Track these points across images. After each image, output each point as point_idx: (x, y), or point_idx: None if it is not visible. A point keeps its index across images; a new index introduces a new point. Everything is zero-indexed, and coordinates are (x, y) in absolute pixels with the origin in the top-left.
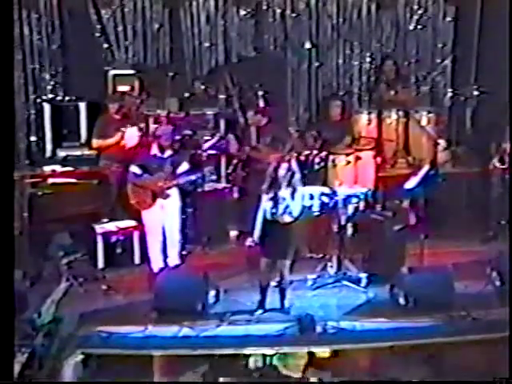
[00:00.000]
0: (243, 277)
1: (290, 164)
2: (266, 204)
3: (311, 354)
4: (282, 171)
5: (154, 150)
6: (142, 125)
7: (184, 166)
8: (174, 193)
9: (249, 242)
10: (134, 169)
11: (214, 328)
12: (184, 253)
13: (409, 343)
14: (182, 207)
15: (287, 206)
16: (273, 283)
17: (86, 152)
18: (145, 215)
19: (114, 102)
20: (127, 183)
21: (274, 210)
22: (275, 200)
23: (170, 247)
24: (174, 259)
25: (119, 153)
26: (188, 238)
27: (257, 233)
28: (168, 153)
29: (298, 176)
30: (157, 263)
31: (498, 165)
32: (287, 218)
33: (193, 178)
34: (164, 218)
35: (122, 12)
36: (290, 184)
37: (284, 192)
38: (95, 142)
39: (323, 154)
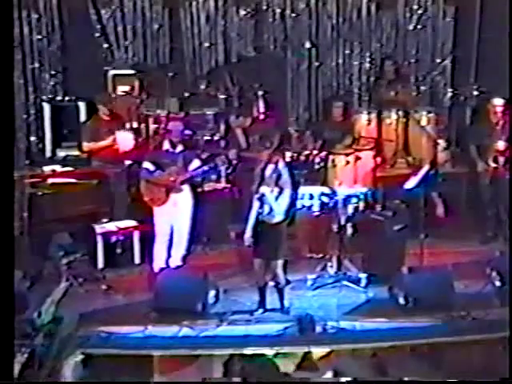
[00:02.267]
0: (243, 277)
1: (277, 165)
2: (256, 205)
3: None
4: (267, 172)
5: (166, 146)
6: (135, 125)
7: (195, 163)
8: (187, 190)
9: (246, 241)
10: (147, 165)
11: (214, 328)
12: (184, 253)
13: (409, 343)
14: (195, 205)
15: (271, 208)
16: (271, 283)
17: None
18: (156, 212)
19: (103, 104)
20: (140, 180)
21: (260, 210)
22: (262, 200)
23: (175, 247)
24: (176, 260)
25: (112, 156)
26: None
27: (248, 233)
28: (180, 148)
29: (285, 177)
30: (159, 262)
31: (492, 165)
32: (272, 219)
33: (206, 168)
34: (175, 216)
35: (122, 12)
36: (276, 185)
37: (269, 193)
38: (86, 146)
39: (323, 154)
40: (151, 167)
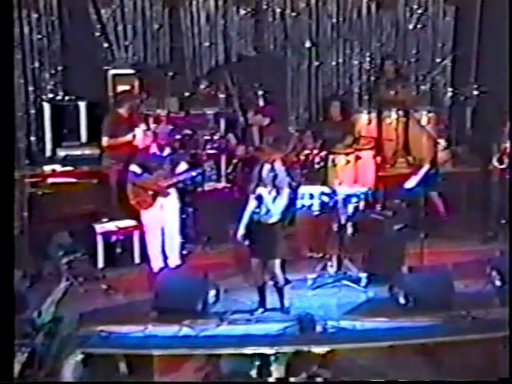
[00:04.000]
0: (243, 276)
1: (273, 165)
2: (251, 204)
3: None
4: (264, 172)
5: (153, 149)
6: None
7: (182, 166)
8: (173, 193)
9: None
10: (134, 168)
11: (214, 327)
12: (184, 253)
13: (409, 343)
14: (181, 208)
15: (268, 208)
16: (270, 283)
17: (86, 152)
18: (144, 215)
19: (124, 102)
20: (127, 183)
21: (257, 210)
22: (259, 201)
23: (169, 248)
24: (174, 260)
25: (129, 153)
26: (188, 237)
27: (241, 231)
28: (167, 151)
29: (281, 177)
30: (156, 263)
31: (496, 165)
32: (269, 219)
33: (193, 174)
34: (163, 218)
35: (122, 11)
36: (274, 185)
37: (266, 194)
38: (106, 141)
39: (323, 153)
40: (138, 170)
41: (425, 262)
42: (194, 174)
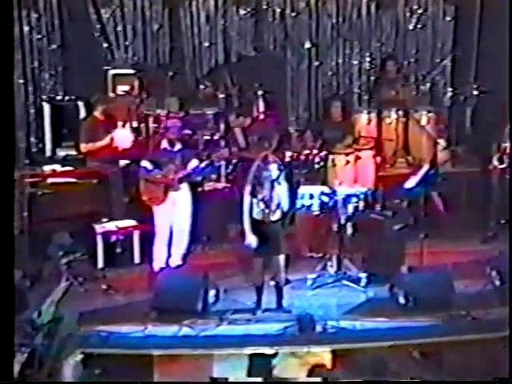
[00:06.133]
0: (243, 276)
1: (269, 164)
2: (247, 204)
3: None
4: (260, 171)
5: (164, 144)
6: (135, 125)
7: (194, 163)
8: (185, 188)
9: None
10: (146, 164)
11: (214, 327)
12: (184, 252)
13: (409, 343)
14: (194, 203)
15: (266, 206)
16: (271, 283)
17: None
18: (156, 211)
19: (101, 104)
20: (139, 179)
21: (256, 209)
22: (257, 199)
23: (175, 246)
24: (176, 259)
25: (110, 155)
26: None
27: (248, 234)
28: (178, 147)
29: (277, 176)
30: (159, 262)
31: (496, 164)
32: (268, 217)
33: (202, 165)
34: (174, 215)
35: (122, 12)
36: (272, 184)
37: (263, 192)
38: (83, 147)
39: (323, 153)
40: (149, 166)
41: (425, 262)
42: (202, 165)
